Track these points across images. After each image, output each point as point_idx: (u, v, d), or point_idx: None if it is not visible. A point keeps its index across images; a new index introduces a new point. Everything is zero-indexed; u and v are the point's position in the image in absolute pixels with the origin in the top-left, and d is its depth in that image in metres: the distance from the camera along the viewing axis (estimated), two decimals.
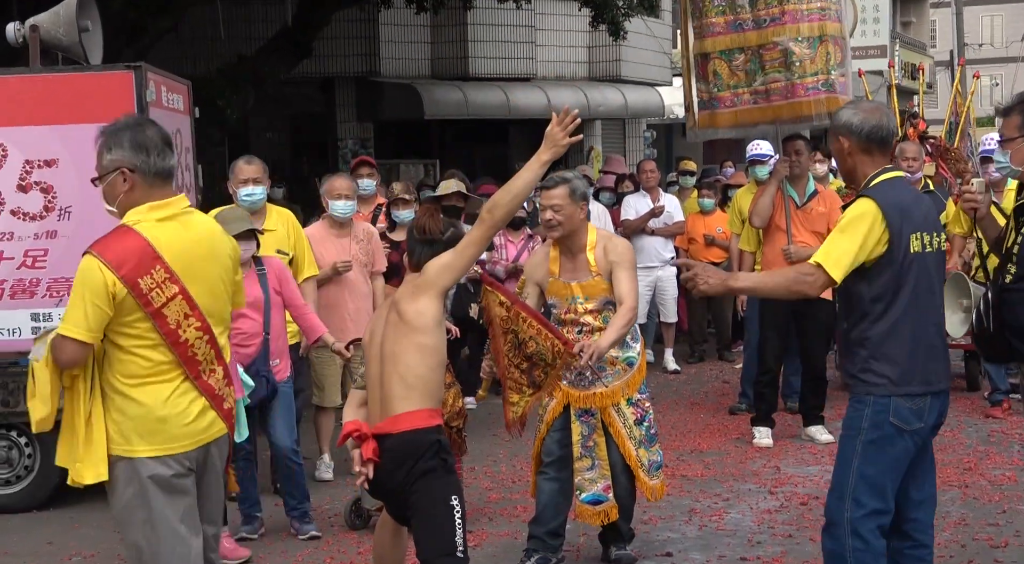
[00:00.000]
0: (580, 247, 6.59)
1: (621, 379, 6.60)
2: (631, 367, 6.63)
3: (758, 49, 9.25)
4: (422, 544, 5.00)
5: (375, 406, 5.10)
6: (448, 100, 19.82)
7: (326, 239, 8.88)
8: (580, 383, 6.59)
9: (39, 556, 7.38)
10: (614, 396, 6.59)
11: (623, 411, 6.61)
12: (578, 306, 6.60)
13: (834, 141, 5.22)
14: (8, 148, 8.04)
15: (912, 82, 32.38)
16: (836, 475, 5.15)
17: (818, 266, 4.98)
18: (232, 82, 14.35)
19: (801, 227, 9.53)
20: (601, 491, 6.64)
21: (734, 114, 9.47)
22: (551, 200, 6.53)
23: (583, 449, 6.64)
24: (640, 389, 6.67)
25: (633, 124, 25.00)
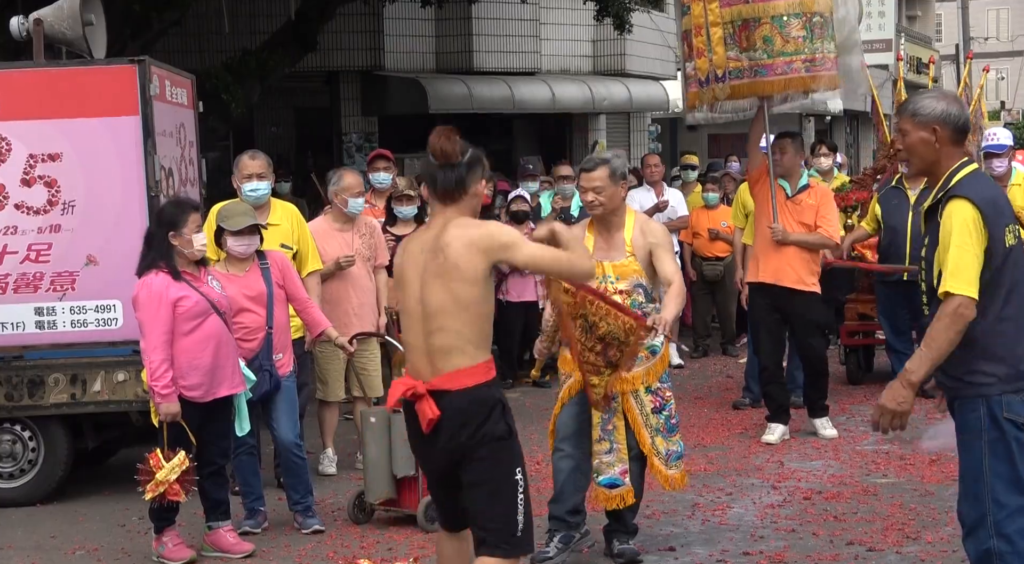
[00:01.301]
0: (618, 226, 6.60)
1: (643, 366, 6.55)
2: (654, 355, 6.58)
3: (811, 16, 9.15)
4: (481, 518, 4.89)
5: (421, 360, 4.94)
6: (452, 94, 19.80)
7: (329, 233, 8.88)
8: (601, 371, 6.50)
9: (43, 550, 7.39)
10: (634, 382, 6.54)
11: (641, 398, 6.58)
12: (608, 285, 6.53)
13: (921, 131, 4.92)
14: (12, 142, 8.05)
15: (917, 76, 32.33)
16: (966, 480, 4.96)
17: (950, 294, 4.74)
18: (237, 76, 14.34)
19: (789, 217, 9.46)
20: (618, 475, 6.61)
21: (784, 81, 9.25)
22: (592, 182, 6.54)
23: (602, 432, 6.61)
24: (662, 378, 6.63)
25: (637, 118, 24.97)
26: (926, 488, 8.03)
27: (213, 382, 6.92)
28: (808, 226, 9.45)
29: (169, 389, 6.74)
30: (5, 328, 8.10)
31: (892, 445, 9.25)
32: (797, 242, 9.39)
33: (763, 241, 9.49)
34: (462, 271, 4.83)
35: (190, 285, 6.88)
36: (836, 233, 9.70)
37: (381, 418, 7.56)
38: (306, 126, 20.75)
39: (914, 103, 5.02)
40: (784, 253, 9.38)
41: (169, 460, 6.72)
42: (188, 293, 6.85)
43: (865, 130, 34.38)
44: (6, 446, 8.34)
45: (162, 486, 6.71)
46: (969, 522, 4.96)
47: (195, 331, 6.84)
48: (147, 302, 6.80)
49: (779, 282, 9.38)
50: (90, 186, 8.06)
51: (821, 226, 9.46)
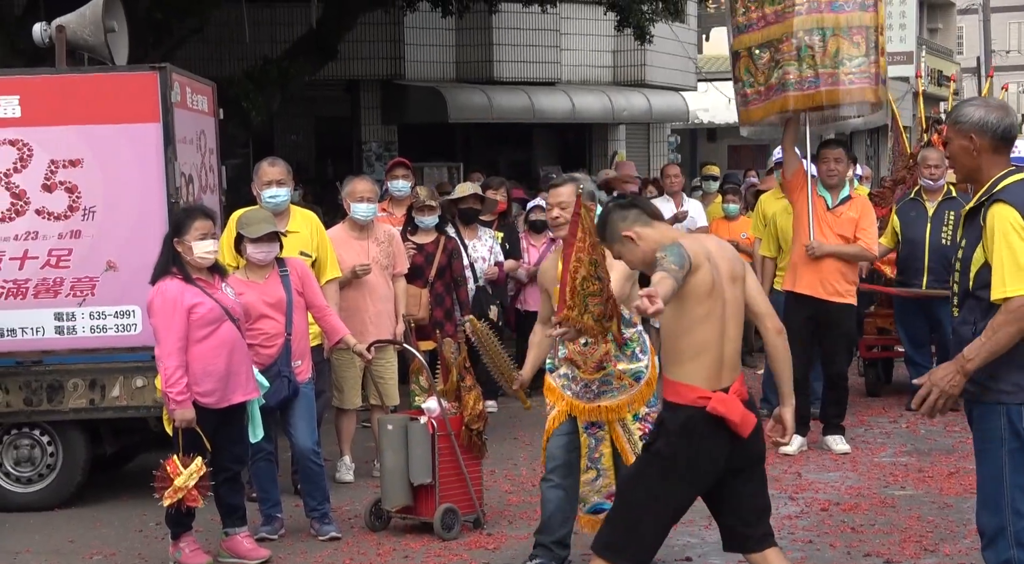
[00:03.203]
0: None
1: (627, 393, 6.39)
2: (638, 381, 6.41)
3: (778, 43, 9.24)
4: (763, 515, 5.21)
5: (716, 365, 5.05)
6: (472, 104, 19.84)
7: (346, 241, 8.90)
8: (586, 394, 6.43)
9: (60, 554, 7.41)
10: (620, 410, 6.39)
11: (628, 427, 6.41)
12: None
13: (960, 139, 4.94)
14: (33, 148, 8.08)
15: (938, 89, 32.29)
16: (984, 489, 4.96)
17: (1009, 298, 4.73)
18: (257, 84, 14.40)
19: (828, 229, 9.36)
20: (605, 499, 6.48)
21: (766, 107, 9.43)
22: (559, 198, 6.45)
23: (589, 461, 6.52)
24: (649, 402, 6.43)
25: (657, 129, 24.99)
26: (944, 500, 8.00)
27: (227, 388, 6.93)
28: (847, 239, 9.36)
29: (184, 395, 6.75)
30: (25, 333, 8.13)
31: (910, 457, 9.22)
32: (833, 253, 9.32)
33: (802, 251, 9.40)
34: (744, 290, 5.24)
35: (204, 291, 6.88)
36: (875, 245, 9.65)
37: (398, 426, 7.57)
38: (326, 134, 20.82)
39: (957, 110, 5.02)
40: (822, 265, 9.30)
41: (186, 466, 6.73)
42: (202, 299, 6.85)
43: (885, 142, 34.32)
44: (25, 451, 8.36)
45: (180, 492, 6.72)
46: (989, 532, 4.93)
47: (209, 337, 6.85)
48: (161, 308, 6.82)
49: (816, 294, 9.33)
50: (111, 192, 8.09)
51: (860, 238, 9.39)
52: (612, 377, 6.36)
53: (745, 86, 9.57)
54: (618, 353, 6.34)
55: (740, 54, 9.56)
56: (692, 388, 5.02)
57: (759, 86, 9.43)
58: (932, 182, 10.71)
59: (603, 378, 6.35)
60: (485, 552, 7.17)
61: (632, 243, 5.20)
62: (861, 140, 32.74)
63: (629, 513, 5.11)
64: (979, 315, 4.90)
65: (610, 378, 6.36)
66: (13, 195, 8.08)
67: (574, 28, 22.09)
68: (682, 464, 5.02)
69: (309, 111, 20.00)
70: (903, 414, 10.77)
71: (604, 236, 5.35)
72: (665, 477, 5.05)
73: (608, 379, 6.36)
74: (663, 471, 5.05)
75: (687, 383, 5.03)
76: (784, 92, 9.26)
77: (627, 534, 5.10)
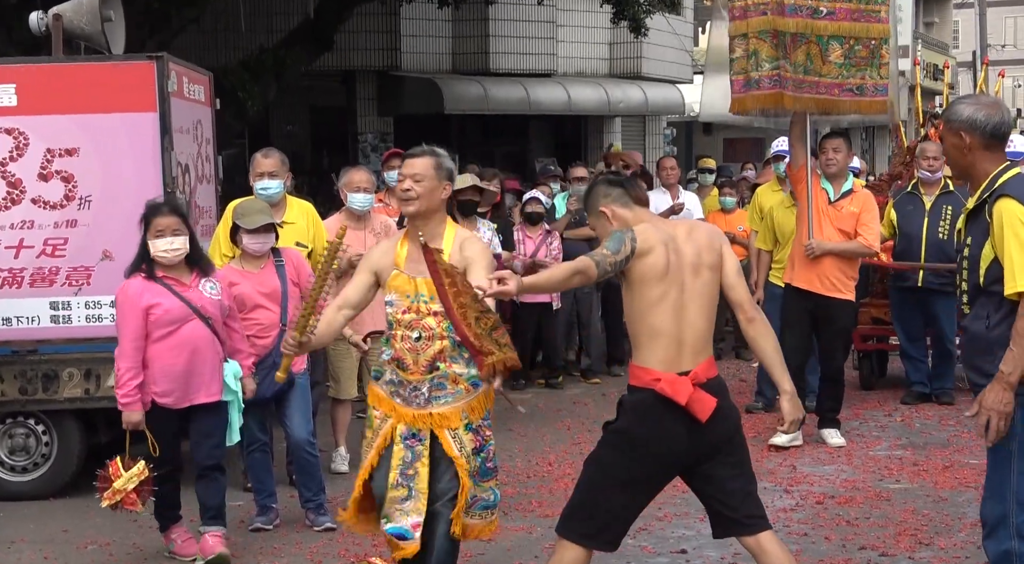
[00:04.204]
0: (434, 236, 5.64)
1: (463, 400, 5.64)
2: (476, 388, 5.64)
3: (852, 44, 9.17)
4: (747, 501, 5.17)
5: (674, 349, 5.08)
6: (468, 95, 19.83)
7: None
8: (415, 399, 5.66)
9: (55, 544, 7.40)
10: (451, 419, 5.62)
11: (460, 437, 5.64)
12: (421, 305, 5.64)
13: (951, 137, 5.00)
14: (30, 137, 8.05)
15: (934, 82, 32.29)
16: (992, 480, 4.96)
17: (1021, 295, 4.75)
18: (253, 74, 14.38)
19: (830, 223, 9.34)
20: (409, 528, 5.69)
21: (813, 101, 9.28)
22: (412, 169, 5.71)
23: (401, 477, 5.69)
24: (484, 416, 5.72)
25: (653, 121, 24.99)
26: (939, 494, 8.01)
27: (187, 388, 6.79)
28: (847, 234, 9.32)
29: (130, 398, 6.66)
30: (20, 322, 8.11)
31: (905, 451, 9.23)
32: (832, 251, 9.28)
33: (801, 246, 9.38)
34: (720, 271, 5.24)
35: (170, 290, 6.73)
36: (876, 241, 9.57)
37: None
38: (322, 125, 20.80)
39: (949, 108, 5.07)
40: (821, 260, 9.27)
41: (128, 469, 6.68)
42: (162, 299, 6.70)
43: (881, 136, 34.34)
44: (20, 440, 8.35)
45: (119, 495, 6.67)
46: (991, 522, 4.95)
47: (168, 337, 6.71)
48: (120, 307, 6.79)
49: (814, 289, 9.30)
50: (107, 181, 8.07)
51: (861, 234, 9.33)
52: (446, 380, 5.62)
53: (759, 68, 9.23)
54: (455, 353, 5.60)
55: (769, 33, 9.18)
56: (647, 371, 5.07)
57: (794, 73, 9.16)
58: (930, 174, 10.71)
59: (435, 380, 5.62)
60: (481, 543, 7.13)
61: (605, 220, 5.24)
62: (856, 134, 32.74)
63: (587, 490, 5.17)
64: (992, 310, 4.91)
65: (444, 380, 5.61)
66: (9, 184, 8.06)
67: (570, 20, 22.09)
68: (638, 443, 5.08)
69: (305, 101, 19.99)
70: (898, 407, 10.78)
71: (586, 205, 5.42)
72: (620, 455, 5.11)
73: (442, 382, 5.62)
74: (618, 449, 5.13)
75: (643, 366, 5.10)
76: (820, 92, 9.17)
77: (585, 511, 5.14)
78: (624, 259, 4.98)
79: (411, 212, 5.67)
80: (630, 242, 5.00)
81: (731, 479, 5.16)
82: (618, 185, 5.30)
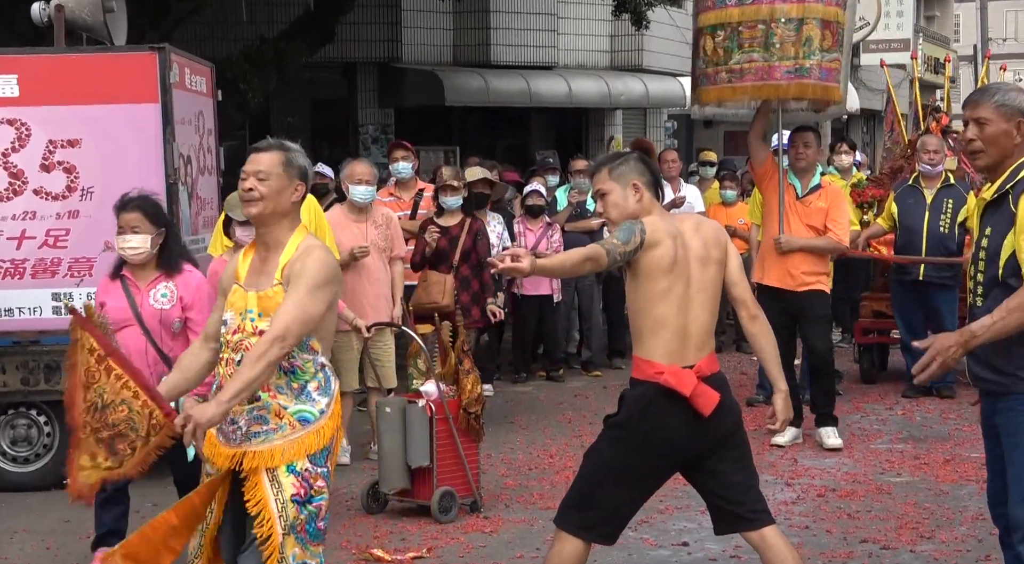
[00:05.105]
0: (278, 244, 4.90)
1: (285, 438, 4.78)
2: (304, 425, 4.80)
3: (737, 26, 8.98)
4: (749, 494, 5.16)
5: (678, 342, 5.07)
6: (469, 87, 19.80)
7: (344, 224, 8.89)
8: (233, 435, 4.84)
9: (56, 534, 7.41)
10: (270, 458, 4.77)
11: (279, 480, 4.76)
12: (247, 324, 4.82)
13: (1002, 123, 4.81)
14: (32, 127, 8.06)
15: (935, 76, 32.25)
16: (1017, 481, 4.80)
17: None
18: (254, 65, 14.36)
19: (797, 219, 9.20)
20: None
21: (717, 91, 9.18)
22: (257, 165, 4.94)
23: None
24: (315, 458, 4.80)
25: (654, 114, 24.94)
26: (940, 487, 8.01)
27: None
28: (816, 230, 9.18)
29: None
30: (22, 313, 8.12)
31: (906, 444, 9.24)
32: (803, 248, 9.14)
33: (769, 243, 9.30)
34: (724, 266, 5.25)
35: (124, 289, 6.36)
36: (846, 236, 9.42)
37: (397, 408, 7.57)
38: (322, 117, 20.76)
39: (1000, 94, 4.88)
40: (789, 256, 9.14)
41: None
42: (110, 299, 6.35)
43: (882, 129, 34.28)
44: (22, 430, 8.36)
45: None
46: (1019, 524, 4.78)
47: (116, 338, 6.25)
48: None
49: (784, 286, 9.16)
50: (109, 173, 8.07)
51: (831, 228, 9.18)
52: (268, 412, 4.79)
53: (703, 65, 9.26)
54: (280, 382, 4.81)
55: (703, 31, 9.24)
56: (651, 363, 5.07)
57: (715, 66, 9.13)
58: (931, 167, 10.70)
59: (255, 413, 4.80)
60: (482, 535, 7.17)
61: (633, 193, 5.17)
62: (857, 127, 32.73)
63: (586, 483, 5.18)
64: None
65: (265, 413, 4.79)
66: (11, 175, 8.08)
67: (572, 12, 22.05)
68: (638, 437, 5.07)
69: (306, 93, 19.93)
70: (899, 401, 10.79)
71: (611, 168, 5.24)
72: (619, 446, 5.11)
73: (263, 415, 4.79)
74: (617, 441, 5.13)
75: (646, 359, 5.09)
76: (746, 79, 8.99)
77: (584, 503, 5.14)
78: (633, 250, 4.98)
79: (253, 215, 4.90)
80: (639, 233, 4.99)
81: (733, 473, 5.16)
82: (653, 173, 5.27)
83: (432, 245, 9.66)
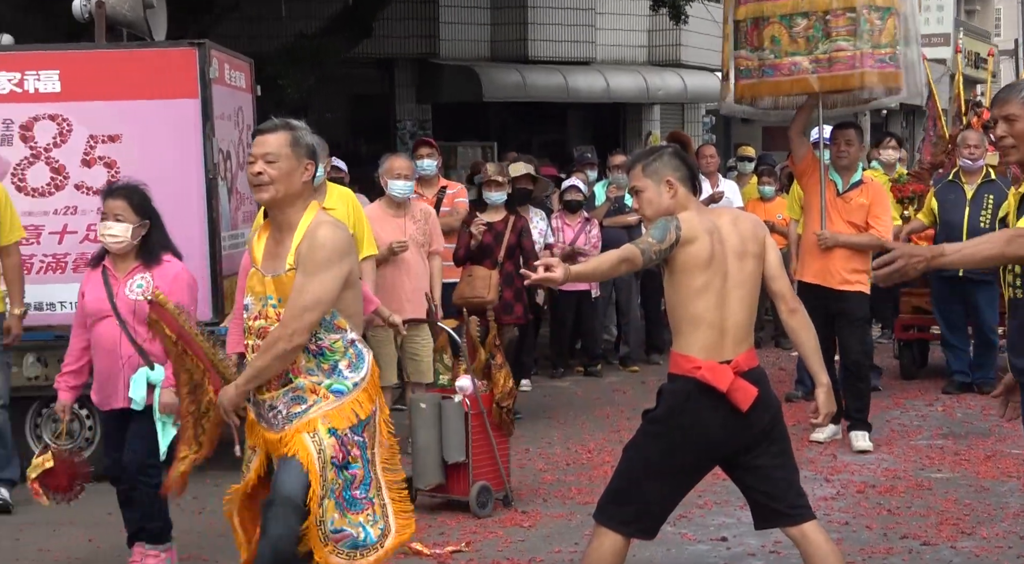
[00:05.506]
0: (291, 226, 4.91)
1: (321, 409, 4.89)
2: (339, 396, 4.92)
3: (824, 15, 8.87)
4: (790, 491, 5.13)
5: (716, 337, 5.05)
6: (507, 83, 19.81)
7: (383, 219, 8.91)
8: (275, 421, 4.95)
9: (99, 526, 7.45)
10: (310, 424, 4.87)
11: (321, 438, 4.84)
12: (270, 310, 4.88)
13: None
14: (73, 123, 8.12)
15: (975, 71, 32.02)
16: None
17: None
18: (293, 61, 14.41)
19: (838, 216, 9.09)
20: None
21: (790, 82, 9.05)
22: (264, 147, 4.88)
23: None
24: (353, 427, 4.91)
25: (692, 109, 24.88)
26: (981, 484, 7.97)
27: (106, 390, 6.29)
28: (857, 226, 9.06)
29: (58, 382, 6.37)
30: (64, 306, 8.16)
31: (946, 440, 9.19)
32: (845, 244, 9.02)
33: (809, 239, 9.19)
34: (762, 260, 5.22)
35: (104, 280, 6.22)
36: (888, 233, 9.24)
37: (432, 404, 7.57)
38: (360, 112, 20.82)
39: None
40: (829, 254, 9.02)
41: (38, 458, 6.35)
42: (90, 289, 6.27)
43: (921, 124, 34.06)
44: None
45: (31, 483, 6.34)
46: None
47: (91, 330, 6.28)
48: None
49: (824, 283, 9.03)
50: (149, 168, 8.06)
51: (873, 225, 9.05)
52: (303, 391, 4.90)
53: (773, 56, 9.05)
54: (310, 364, 4.90)
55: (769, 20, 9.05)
56: (688, 359, 5.04)
57: (791, 56, 8.97)
58: (971, 162, 10.64)
59: (292, 394, 4.91)
60: (520, 530, 7.18)
61: (667, 189, 5.14)
62: (896, 121, 32.55)
63: (625, 478, 5.16)
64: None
65: (301, 393, 4.90)
66: (53, 170, 8.14)
67: (609, 7, 22.03)
68: (676, 432, 5.06)
69: (344, 89, 19.98)
70: (939, 397, 10.73)
71: (645, 165, 5.21)
72: (657, 442, 5.10)
73: (299, 395, 4.90)
74: (657, 437, 5.11)
75: (684, 354, 5.06)
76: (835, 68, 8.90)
77: (623, 498, 5.13)
78: (669, 247, 4.95)
79: (265, 200, 4.89)
80: (675, 230, 4.97)
81: (773, 469, 5.13)
82: (688, 167, 5.22)
83: (479, 238, 9.64)
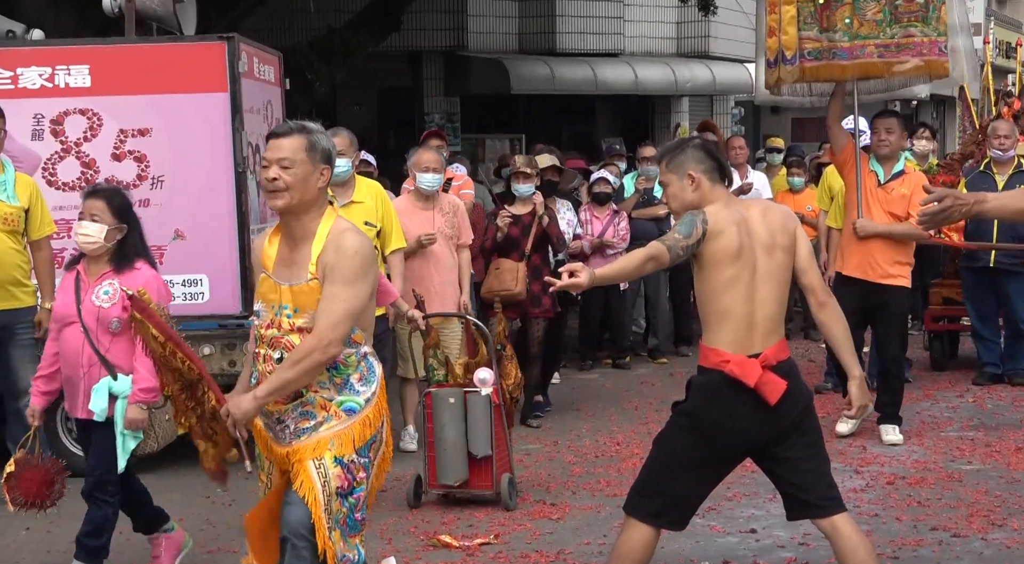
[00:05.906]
0: (307, 234, 4.69)
1: (331, 429, 4.70)
2: (351, 415, 4.73)
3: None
4: (821, 482, 5.12)
5: (745, 330, 5.04)
6: (535, 75, 19.80)
7: (411, 212, 8.92)
8: (282, 435, 4.79)
9: (124, 518, 7.48)
10: (317, 449, 4.68)
11: (327, 470, 4.67)
12: (284, 320, 4.70)
13: None
14: (103, 117, 8.16)
15: (1007, 61, 31.80)
16: None
17: None
18: (321, 54, 14.44)
19: (878, 206, 8.95)
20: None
21: (855, 66, 8.87)
22: (279, 152, 4.65)
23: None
24: (360, 450, 4.74)
25: (721, 101, 24.82)
26: (1012, 475, 7.93)
27: (71, 399, 6.10)
28: (898, 217, 8.90)
29: (32, 387, 6.19)
30: None
31: (977, 432, 9.14)
32: (881, 233, 8.88)
33: (850, 231, 9.03)
34: (792, 252, 5.21)
35: (75, 284, 6.04)
36: None
37: (458, 398, 7.54)
38: (388, 105, 20.86)
39: None
40: (870, 245, 8.88)
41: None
42: (62, 292, 6.11)
43: (952, 115, 33.87)
44: None
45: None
46: None
47: (58, 336, 6.08)
48: None
49: (864, 277, 8.91)
50: (179, 161, 8.15)
51: (913, 215, 8.74)
52: (313, 407, 4.73)
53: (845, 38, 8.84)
54: (323, 378, 4.71)
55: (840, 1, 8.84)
56: (717, 352, 5.04)
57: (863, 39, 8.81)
58: (1002, 152, 10.59)
59: (300, 409, 4.73)
60: (549, 522, 7.18)
61: (689, 183, 5.13)
62: (927, 111, 32.38)
63: (655, 470, 5.18)
64: None
65: (310, 408, 4.73)
66: (83, 164, 8.18)
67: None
68: (704, 424, 5.07)
69: (372, 82, 20.02)
70: (969, 388, 10.68)
71: (669, 159, 5.21)
72: (687, 434, 5.11)
73: (308, 411, 4.73)
74: (685, 429, 5.12)
75: (713, 347, 5.07)
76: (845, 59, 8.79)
77: (653, 490, 5.15)
78: (696, 242, 4.95)
79: (279, 207, 4.66)
80: (701, 224, 4.97)
81: (804, 461, 5.12)
82: (713, 158, 5.19)
83: (504, 230, 9.63)
